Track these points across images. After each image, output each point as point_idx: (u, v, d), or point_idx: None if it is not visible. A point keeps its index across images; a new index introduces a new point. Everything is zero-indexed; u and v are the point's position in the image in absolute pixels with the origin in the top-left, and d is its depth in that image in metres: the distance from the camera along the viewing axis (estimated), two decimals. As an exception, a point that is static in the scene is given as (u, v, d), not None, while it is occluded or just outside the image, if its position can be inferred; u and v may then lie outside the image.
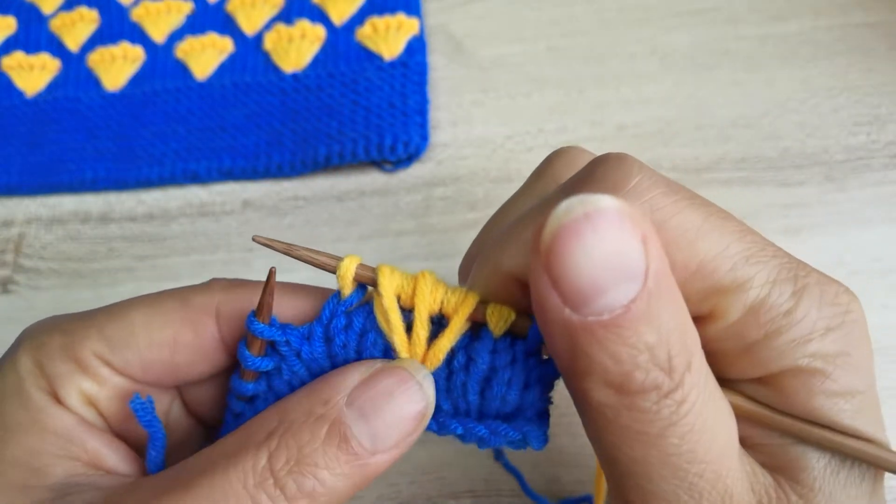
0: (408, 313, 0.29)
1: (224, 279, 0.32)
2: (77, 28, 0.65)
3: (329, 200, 0.56)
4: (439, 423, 0.29)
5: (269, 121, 0.58)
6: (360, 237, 0.54)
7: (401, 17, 0.60)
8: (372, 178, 0.56)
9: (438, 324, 0.29)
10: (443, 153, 0.56)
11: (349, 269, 0.29)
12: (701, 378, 0.23)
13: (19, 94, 0.62)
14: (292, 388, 0.30)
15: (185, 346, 0.31)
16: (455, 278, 0.51)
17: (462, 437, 0.30)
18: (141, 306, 0.31)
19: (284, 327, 0.30)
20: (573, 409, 0.26)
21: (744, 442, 0.27)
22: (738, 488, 0.24)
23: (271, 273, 0.29)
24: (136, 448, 0.32)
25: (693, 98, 0.56)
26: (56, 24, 0.65)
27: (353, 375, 0.28)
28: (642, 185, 0.25)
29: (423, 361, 0.29)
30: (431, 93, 0.58)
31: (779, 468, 0.26)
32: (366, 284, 0.29)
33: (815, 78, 0.55)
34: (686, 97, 0.56)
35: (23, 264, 0.56)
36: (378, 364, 0.28)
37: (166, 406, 0.34)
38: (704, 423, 0.23)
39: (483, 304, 0.29)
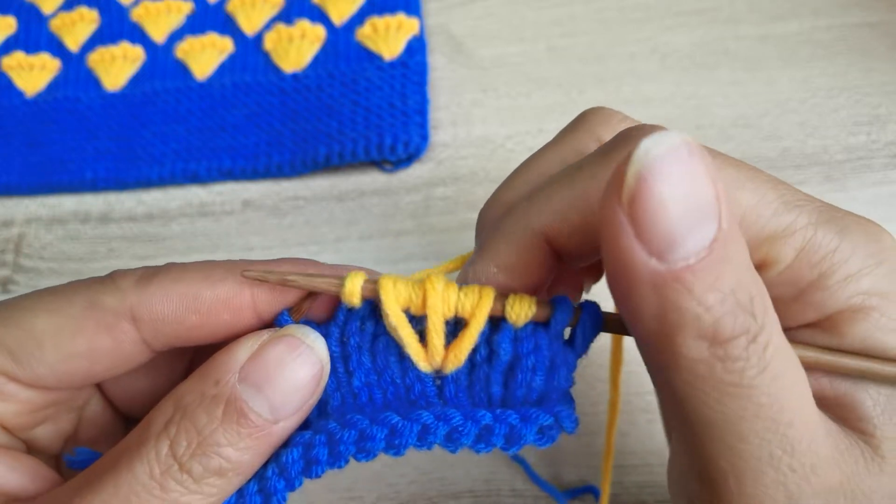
0: (418, 320, 0.28)
1: (129, 272, 0.30)
2: (77, 28, 0.65)
3: (329, 200, 0.56)
4: (455, 428, 0.28)
5: (269, 121, 0.58)
6: (360, 237, 0.54)
7: (401, 17, 0.60)
8: (372, 178, 0.56)
9: (454, 324, 0.29)
10: (443, 153, 0.56)
11: (354, 293, 0.28)
12: (776, 320, 0.23)
13: (19, 94, 0.62)
14: None
15: (103, 354, 0.29)
16: (456, 277, 0.51)
17: (484, 439, 0.28)
18: (42, 312, 0.29)
19: (307, 325, 0.29)
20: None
21: None
22: (819, 435, 0.24)
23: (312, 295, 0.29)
24: (55, 452, 0.31)
25: (693, 98, 0.56)
26: (56, 24, 0.65)
27: (242, 351, 0.28)
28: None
29: (444, 364, 0.28)
30: (431, 93, 0.58)
31: (840, 417, 0.26)
32: (372, 300, 0.29)
33: (815, 78, 0.55)
34: (686, 97, 0.56)
35: (23, 264, 0.56)
36: (265, 334, 0.28)
37: (83, 401, 0.33)
38: (785, 367, 0.23)
39: (500, 297, 0.28)
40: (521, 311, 0.27)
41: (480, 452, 0.28)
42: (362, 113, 0.57)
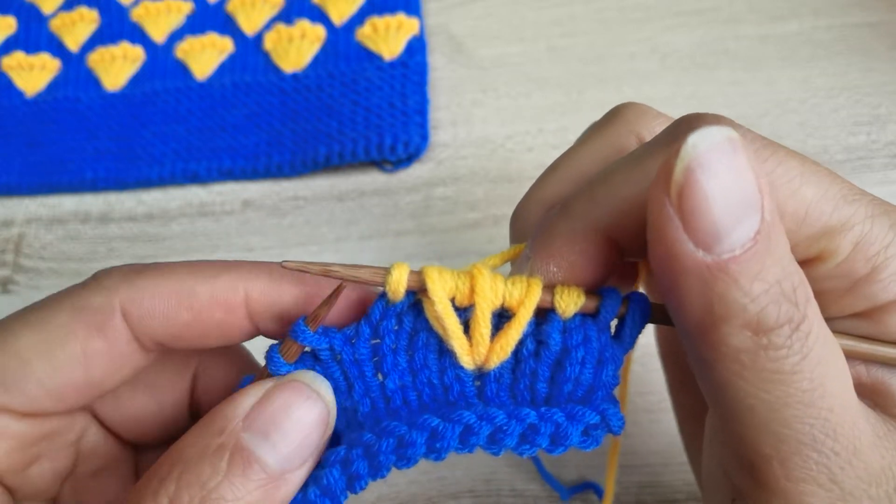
0: (462, 311, 0.28)
1: (113, 270, 0.29)
2: (77, 28, 0.65)
3: (329, 200, 0.56)
4: (500, 428, 0.26)
5: (269, 121, 0.58)
6: (360, 237, 0.54)
7: (401, 17, 0.60)
8: (372, 178, 0.56)
9: (497, 317, 0.28)
10: (443, 153, 0.56)
11: (400, 282, 0.27)
12: (818, 309, 0.24)
13: (19, 94, 0.62)
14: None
15: (98, 356, 0.27)
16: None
17: (529, 439, 0.27)
18: (25, 329, 0.27)
19: (327, 331, 0.28)
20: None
21: None
22: (860, 421, 0.24)
23: (340, 287, 0.27)
24: (51, 496, 0.30)
25: (693, 98, 0.56)
26: (56, 24, 0.65)
27: (246, 399, 0.26)
28: (746, 140, 0.25)
29: (489, 357, 0.27)
30: (431, 93, 0.58)
31: (877, 405, 0.27)
32: (415, 291, 0.27)
33: (815, 78, 0.55)
34: (686, 97, 0.56)
35: (23, 264, 0.56)
36: (269, 382, 0.27)
37: (79, 433, 0.31)
38: (828, 355, 0.23)
39: (546, 288, 0.27)
40: (571, 301, 0.27)
41: (525, 455, 0.27)
42: (362, 113, 0.57)
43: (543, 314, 0.27)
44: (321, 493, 0.26)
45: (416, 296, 0.28)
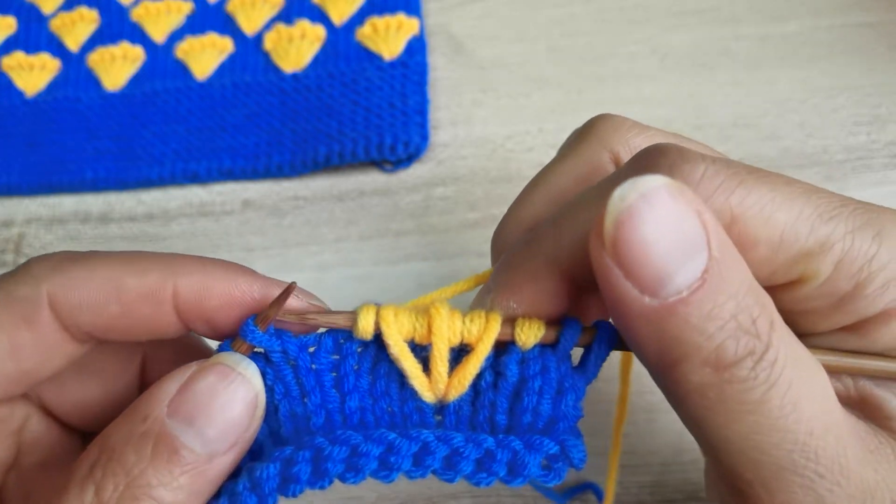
0: (423, 348, 0.28)
1: (45, 257, 0.28)
2: (77, 28, 0.65)
3: (329, 200, 0.56)
4: (456, 450, 0.26)
5: (269, 121, 0.58)
6: (360, 237, 0.54)
7: (401, 17, 0.60)
8: (372, 178, 0.56)
9: (457, 352, 0.28)
10: (443, 153, 0.56)
11: (367, 329, 0.27)
12: (785, 333, 0.23)
13: (19, 94, 0.62)
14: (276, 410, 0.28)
15: (26, 348, 0.27)
16: (457, 277, 0.51)
17: (485, 466, 0.26)
18: None
19: (281, 334, 0.28)
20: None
21: None
22: (849, 440, 0.24)
23: (290, 288, 0.28)
24: None
25: (693, 98, 0.56)
26: (56, 24, 0.65)
27: (170, 384, 0.26)
28: (710, 173, 0.25)
29: (448, 391, 0.28)
30: (431, 93, 0.58)
31: (867, 417, 0.26)
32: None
33: (815, 78, 0.55)
34: (686, 97, 0.56)
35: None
36: (193, 366, 0.27)
37: (20, 421, 0.30)
38: (800, 378, 0.23)
39: (505, 321, 0.27)
40: (531, 334, 0.27)
41: (481, 485, 0.26)
42: (362, 113, 0.57)
43: (503, 345, 0.28)
44: (250, 487, 0.26)
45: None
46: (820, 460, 0.23)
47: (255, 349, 0.28)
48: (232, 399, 0.26)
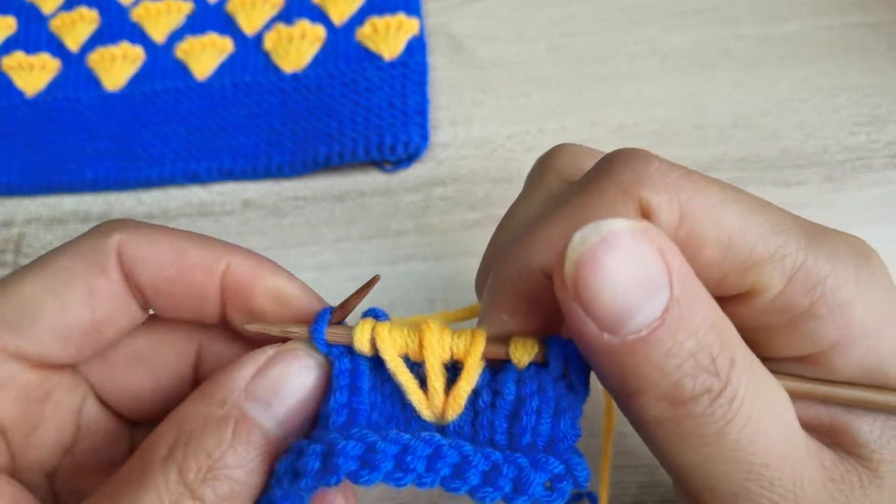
0: (419, 365, 0.28)
1: (118, 220, 0.30)
2: (77, 28, 0.65)
3: (329, 200, 0.56)
4: (466, 458, 0.26)
5: (269, 121, 0.58)
6: (360, 237, 0.54)
7: (401, 17, 0.60)
8: (372, 178, 0.56)
9: (454, 369, 0.28)
10: (443, 153, 0.56)
11: (364, 344, 0.28)
12: (746, 369, 0.24)
13: (19, 94, 0.62)
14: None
15: (102, 296, 0.29)
16: (457, 278, 0.51)
17: (491, 480, 0.26)
18: (30, 276, 0.28)
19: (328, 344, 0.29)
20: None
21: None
22: (807, 470, 0.24)
23: (375, 279, 0.29)
24: (51, 468, 0.30)
25: (693, 98, 0.56)
26: (56, 24, 0.65)
27: (246, 369, 0.27)
28: (662, 170, 0.25)
29: (445, 410, 0.28)
30: (431, 93, 0.58)
31: (837, 443, 0.26)
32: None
33: (815, 78, 0.55)
34: (686, 97, 0.56)
35: (23, 264, 0.56)
36: (269, 350, 0.28)
37: (78, 403, 0.31)
38: (760, 411, 0.23)
39: (498, 340, 0.28)
40: (525, 352, 0.27)
41: (486, 500, 0.25)
42: (362, 113, 0.57)
43: (501, 365, 0.28)
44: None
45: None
46: (775, 489, 0.24)
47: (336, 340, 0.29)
48: (304, 383, 0.28)
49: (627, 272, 0.21)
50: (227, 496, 0.25)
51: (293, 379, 0.27)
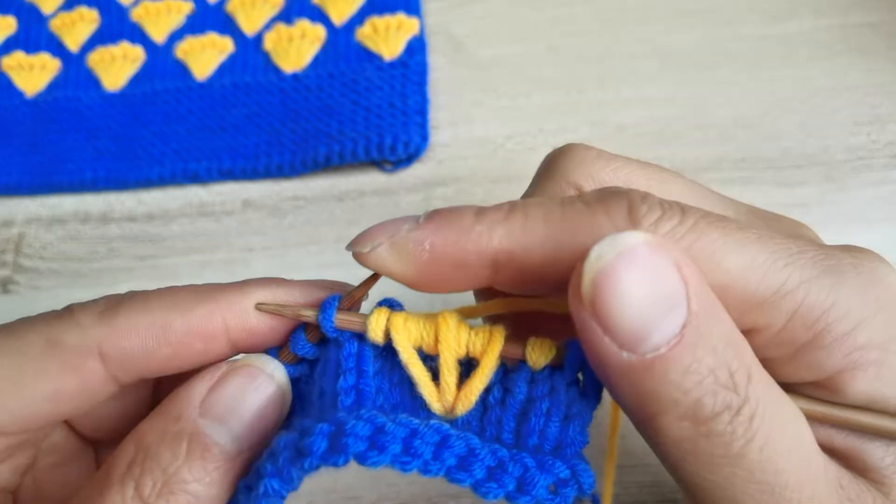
0: (432, 358, 0.28)
1: (88, 306, 0.28)
2: (77, 28, 0.64)
3: (329, 200, 0.56)
4: (472, 450, 0.26)
5: (269, 121, 0.58)
6: (360, 237, 0.54)
7: (401, 17, 0.60)
8: (372, 178, 0.56)
9: (467, 364, 0.28)
10: (443, 153, 0.56)
11: (377, 333, 0.28)
12: (763, 386, 0.23)
13: (19, 94, 0.62)
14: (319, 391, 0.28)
15: (69, 395, 0.28)
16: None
17: (496, 476, 0.25)
18: None
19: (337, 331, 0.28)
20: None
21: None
22: (825, 490, 0.24)
23: (376, 276, 0.28)
24: (11, 488, 0.30)
25: (693, 98, 0.56)
26: (56, 24, 0.65)
27: (201, 385, 0.27)
28: (651, 219, 0.24)
29: (455, 405, 0.28)
30: (431, 93, 0.58)
31: (852, 466, 0.26)
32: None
33: (815, 78, 0.55)
34: (686, 97, 0.56)
35: (23, 264, 0.56)
36: (223, 367, 0.28)
37: (42, 438, 0.31)
38: (779, 430, 0.23)
39: (517, 339, 0.28)
40: (542, 354, 0.27)
41: (489, 497, 0.25)
42: (362, 113, 0.57)
43: (515, 362, 0.28)
44: (267, 457, 0.26)
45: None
46: None
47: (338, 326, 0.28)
48: (260, 398, 0.27)
49: (645, 288, 0.21)
50: None
51: (248, 396, 0.27)
